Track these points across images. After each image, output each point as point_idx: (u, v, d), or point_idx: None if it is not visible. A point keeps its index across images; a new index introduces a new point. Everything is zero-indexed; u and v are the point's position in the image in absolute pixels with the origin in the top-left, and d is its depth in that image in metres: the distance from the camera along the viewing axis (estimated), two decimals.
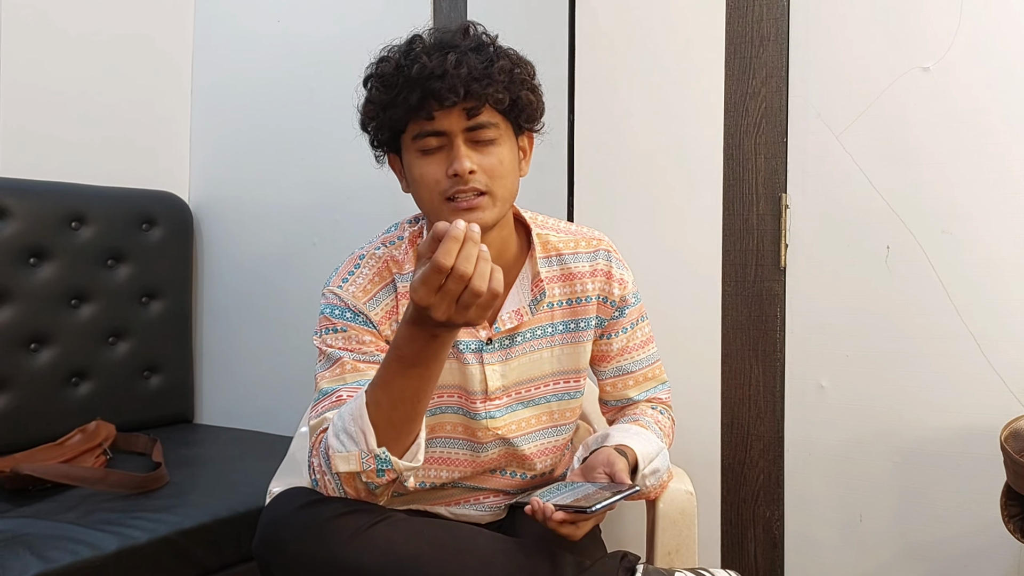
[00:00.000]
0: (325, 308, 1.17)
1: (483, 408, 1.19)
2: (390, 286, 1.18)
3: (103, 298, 2.03)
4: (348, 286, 1.17)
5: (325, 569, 1.01)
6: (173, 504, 1.52)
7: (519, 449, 1.22)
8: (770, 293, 1.57)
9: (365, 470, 1.01)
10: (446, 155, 1.09)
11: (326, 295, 1.18)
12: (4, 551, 1.28)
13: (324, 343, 1.16)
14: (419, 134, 1.10)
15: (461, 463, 1.22)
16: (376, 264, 1.19)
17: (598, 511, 0.99)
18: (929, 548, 1.47)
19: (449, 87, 1.05)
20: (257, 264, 2.24)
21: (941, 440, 1.45)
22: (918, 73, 1.46)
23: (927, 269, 1.46)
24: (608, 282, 1.24)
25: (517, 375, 1.21)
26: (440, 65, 1.05)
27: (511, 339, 1.19)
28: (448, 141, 1.09)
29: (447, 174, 1.09)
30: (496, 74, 1.08)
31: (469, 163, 1.08)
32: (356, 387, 1.10)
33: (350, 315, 1.15)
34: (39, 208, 1.91)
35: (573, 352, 1.24)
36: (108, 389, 2.03)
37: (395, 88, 1.08)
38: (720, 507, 1.62)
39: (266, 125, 2.21)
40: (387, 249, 1.20)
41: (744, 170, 1.59)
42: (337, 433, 1.02)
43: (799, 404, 1.57)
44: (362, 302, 1.16)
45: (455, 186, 1.08)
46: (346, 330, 1.15)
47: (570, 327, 1.23)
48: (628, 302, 1.26)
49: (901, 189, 1.48)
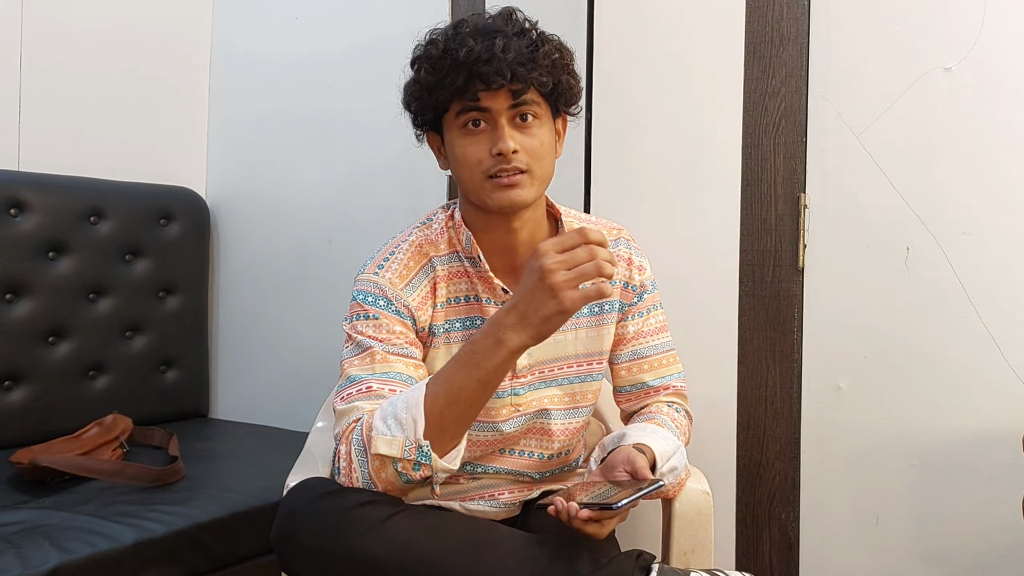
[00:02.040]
0: (358, 295, 1.18)
1: (509, 385, 1.21)
2: (427, 267, 1.20)
3: (120, 292, 2.04)
4: (385, 272, 1.19)
5: (342, 560, 1.01)
6: (189, 497, 1.53)
7: (536, 424, 1.24)
8: (788, 293, 1.56)
9: (404, 458, 1.03)
10: (489, 135, 1.12)
11: (360, 282, 1.19)
12: (24, 541, 1.29)
13: (355, 329, 1.17)
14: (463, 111, 1.12)
15: (474, 443, 1.23)
16: (411, 249, 1.21)
17: (623, 507, 0.99)
18: (946, 552, 1.46)
19: (496, 70, 1.07)
20: (273, 261, 2.24)
21: (959, 443, 1.44)
22: (940, 73, 1.45)
23: (947, 271, 1.45)
24: (629, 268, 1.28)
25: (541, 354, 1.23)
26: (488, 49, 1.08)
27: None
28: (492, 120, 1.12)
29: (491, 153, 1.12)
30: (541, 58, 1.11)
31: (513, 143, 1.11)
32: (385, 378, 1.12)
33: (384, 303, 1.17)
34: (58, 202, 1.93)
35: (597, 335, 1.26)
36: (125, 383, 2.04)
37: (442, 70, 1.11)
38: (735, 508, 1.62)
39: (283, 122, 2.22)
40: (422, 233, 1.23)
41: (763, 169, 1.58)
42: (385, 417, 1.05)
43: (816, 405, 1.56)
44: (400, 288, 1.18)
45: (498, 164, 1.11)
46: (378, 318, 1.16)
47: (594, 310, 1.26)
48: (647, 288, 1.30)
49: (921, 190, 1.47)
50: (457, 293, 1.21)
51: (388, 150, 2.04)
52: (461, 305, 1.21)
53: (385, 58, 1.98)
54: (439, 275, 1.20)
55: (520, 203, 1.14)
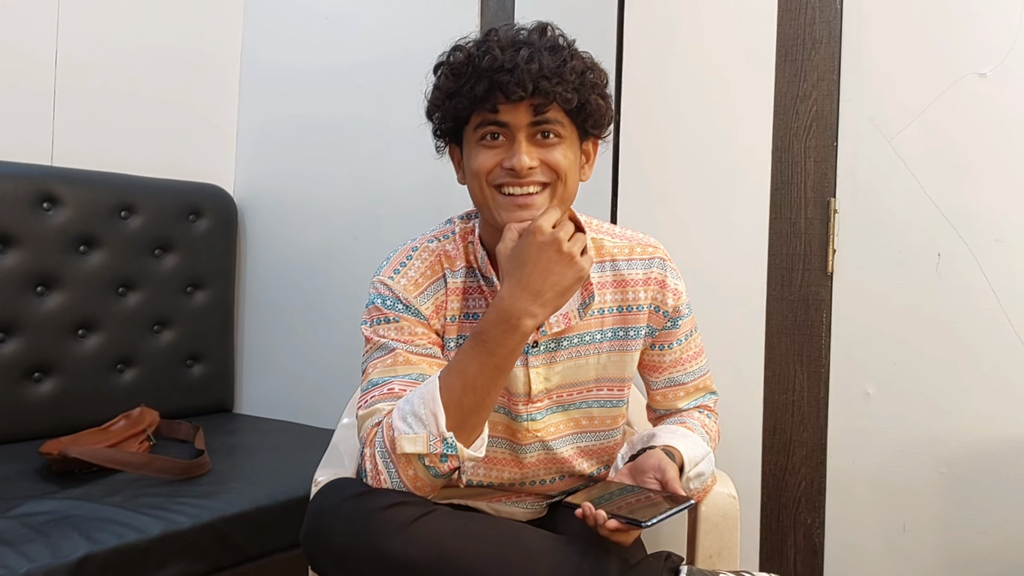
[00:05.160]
0: (376, 298, 1.17)
1: (525, 411, 1.19)
2: (440, 281, 1.18)
3: (149, 287, 2.06)
4: (399, 278, 1.17)
5: (371, 561, 1.02)
6: (215, 491, 1.54)
7: (556, 452, 1.22)
8: (816, 298, 1.55)
9: (431, 453, 1.03)
10: (505, 149, 1.09)
11: (376, 285, 1.18)
12: (53, 531, 1.31)
13: (375, 333, 1.16)
14: (482, 124, 1.09)
15: (502, 462, 1.22)
16: (428, 257, 1.19)
17: (652, 526, 0.98)
18: (975, 560, 1.44)
19: (517, 81, 1.04)
20: (299, 258, 2.26)
21: (990, 451, 1.42)
22: (974, 79, 1.44)
23: (979, 278, 1.43)
24: (662, 291, 1.22)
25: (560, 379, 1.20)
26: (511, 59, 1.05)
27: (557, 343, 1.19)
28: (510, 136, 1.09)
29: (502, 165, 1.09)
30: (567, 74, 1.07)
31: (528, 159, 1.07)
32: (408, 380, 1.11)
33: (402, 307, 1.16)
34: (90, 197, 1.95)
35: (620, 360, 1.22)
36: (152, 376, 2.06)
37: (463, 77, 1.08)
38: (760, 513, 1.61)
39: (311, 121, 2.24)
40: (440, 243, 1.20)
41: (793, 173, 1.57)
42: (404, 416, 1.04)
43: (844, 411, 1.55)
44: (412, 295, 1.16)
45: (504, 178, 1.09)
46: (399, 320, 1.15)
47: (619, 335, 1.21)
48: (681, 313, 1.24)
49: (954, 196, 1.46)
50: (475, 309, 1.18)
51: (416, 154, 2.04)
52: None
53: (413, 67, 1.99)
54: (451, 289, 1.18)
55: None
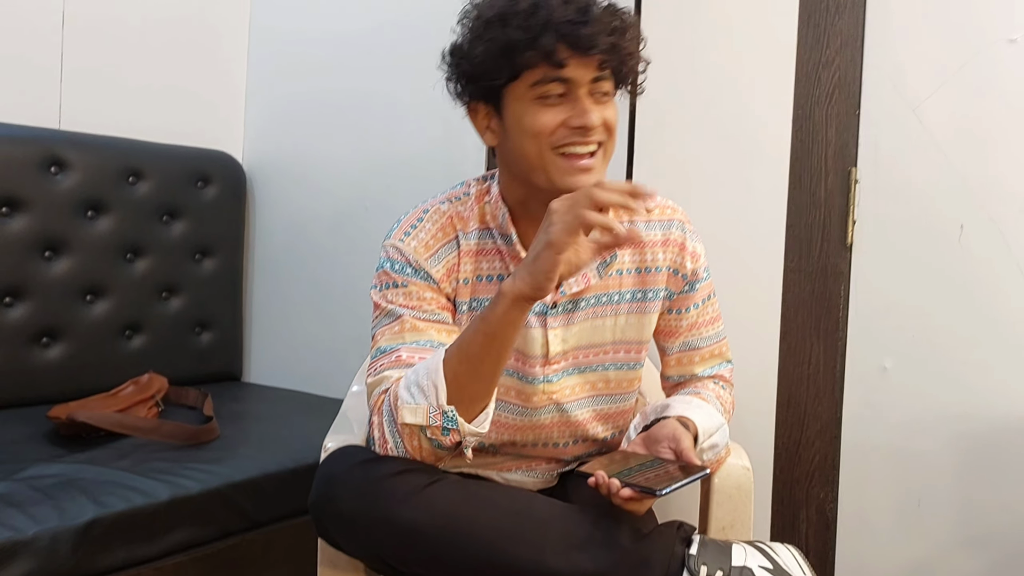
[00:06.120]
0: (385, 262, 1.15)
1: (541, 373, 1.17)
2: (453, 243, 1.16)
3: (157, 253, 2.05)
4: (410, 240, 1.15)
5: (379, 527, 1.01)
6: (223, 457, 1.53)
7: (571, 415, 1.20)
8: (835, 270, 1.53)
9: (431, 425, 1.01)
10: (566, 106, 1.05)
11: (386, 248, 1.16)
12: (61, 494, 1.30)
13: (384, 298, 1.14)
14: (543, 80, 1.04)
15: (510, 427, 1.20)
16: (440, 219, 1.17)
17: (666, 495, 0.97)
18: (990, 537, 1.42)
19: (592, 35, 1.01)
20: (308, 226, 2.24)
21: (1010, 427, 1.40)
22: (1003, 45, 1.40)
23: (1002, 250, 1.40)
24: (681, 254, 1.20)
25: (577, 340, 1.18)
26: (583, 14, 1.01)
27: (574, 303, 1.17)
28: (571, 93, 1.05)
29: (567, 124, 1.05)
30: (629, 30, 1.06)
31: (597, 116, 1.05)
32: (415, 347, 1.09)
33: (411, 271, 1.13)
34: (98, 162, 1.93)
35: (638, 323, 1.20)
36: (160, 343, 2.05)
37: (525, 30, 1.02)
38: (772, 485, 1.59)
39: (320, 88, 2.21)
40: (452, 205, 1.18)
41: (813, 142, 1.54)
42: (408, 386, 1.02)
43: (860, 385, 1.52)
44: (424, 258, 1.14)
45: (569, 138, 1.05)
46: (407, 285, 1.13)
47: (637, 296, 1.20)
48: (699, 276, 1.23)
49: (978, 166, 1.42)
50: (489, 271, 1.16)
51: (426, 121, 2.01)
52: (493, 284, 1.16)
53: (424, 32, 1.96)
54: (464, 251, 1.15)
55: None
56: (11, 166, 1.78)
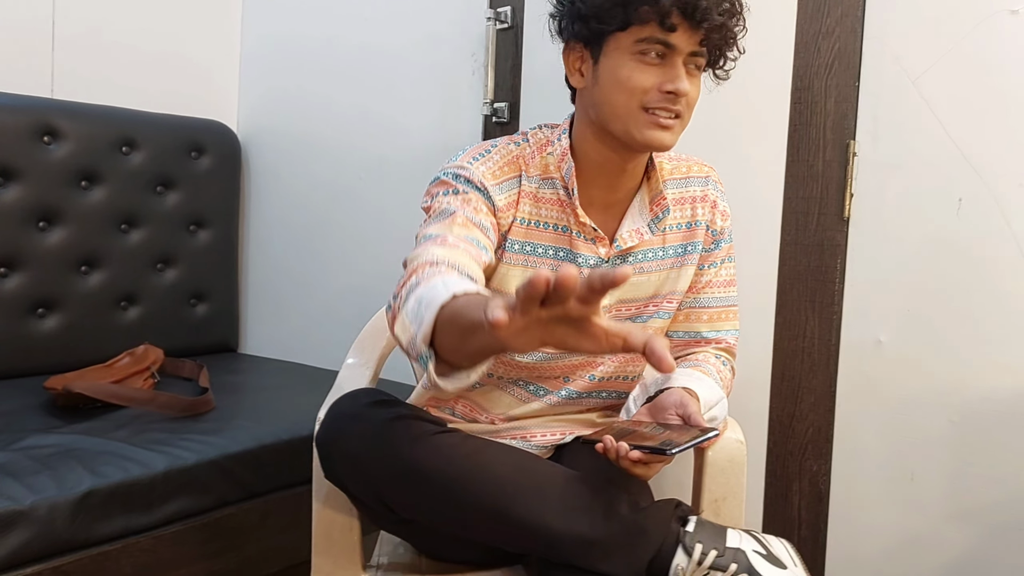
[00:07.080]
0: (445, 174, 1.13)
1: None
2: (516, 180, 1.16)
3: (152, 224, 2.04)
4: (479, 164, 1.14)
5: (386, 466, 1.02)
6: (220, 428, 1.54)
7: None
8: (832, 243, 1.52)
9: (410, 352, 0.90)
10: (661, 70, 1.07)
11: (447, 170, 1.14)
12: (58, 464, 1.31)
13: (438, 203, 1.11)
14: (649, 40, 1.06)
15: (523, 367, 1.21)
16: (508, 155, 1.17)
17: (676, 454, 0.97)
18: (982, 510, 1.43)
19: (707, 8, 1.04)
20: (303, 197, 2.23)
21: (1004, 401, 1.40)
22: (1005, 16, 1.38)
23: (1001, 224, 1.40)
24: (714, 211, 1.25)
25: (622, 293, 1.20)
26: None
27: (623, 259, 1.19)
28: (670, 58, 1.08)
29: (659, 87, 1.07)
30: (737, 16, 1.11)
31: (687, 85, 1.08)
32: (463, 238, 1.05)
33: (473, 187, 1.12)
34: (91, 131, 1.92)
35: (678, 276, 1.24)
36: (156, 314, 2.05)
37: None
38: (765, 459, 1.60)
39: (316, 57, 2.18)
40: (519, 147, 1.19)
41: (812, 114, 1.52)
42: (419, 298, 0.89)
43: (855, 358, 1.52)
44: (490, 183, 1.13)
45: (661, 101, 1.07)
46: (467, 192, 1.11)
47: (679, 251, 1.23)
48: (724, 235, 1.26)
49: (978, 139, 1.41)
50: (547, 219, 1.17)
51: (424, 92, 1.99)
52: (549, 232, 1.17)
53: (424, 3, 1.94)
54: (525, 191, 1.16)
55: (664, 147, 1.11)
56: (4, 135, 1.77)
